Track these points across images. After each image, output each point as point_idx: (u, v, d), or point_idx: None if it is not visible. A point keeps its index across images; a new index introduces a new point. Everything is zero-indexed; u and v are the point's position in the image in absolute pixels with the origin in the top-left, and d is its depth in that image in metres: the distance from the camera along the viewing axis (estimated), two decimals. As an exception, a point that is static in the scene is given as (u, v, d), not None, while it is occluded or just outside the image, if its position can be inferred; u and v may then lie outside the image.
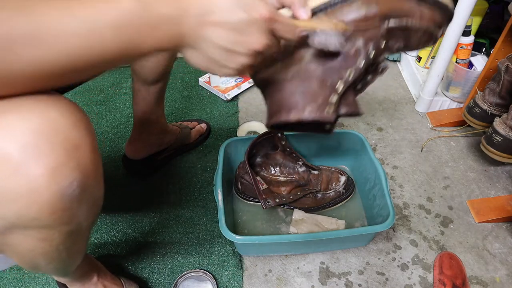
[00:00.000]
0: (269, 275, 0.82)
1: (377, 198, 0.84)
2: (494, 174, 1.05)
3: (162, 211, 0.93)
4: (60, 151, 0.35)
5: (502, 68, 0.95)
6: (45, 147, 0.35)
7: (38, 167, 0.34)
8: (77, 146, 0.37)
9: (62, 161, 0.36)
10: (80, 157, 0.37)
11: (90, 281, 0.69)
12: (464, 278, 0.81)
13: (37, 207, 0.36)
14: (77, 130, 0.37)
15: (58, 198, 0.37)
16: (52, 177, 0.35)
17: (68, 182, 0.37)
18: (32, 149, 0.34)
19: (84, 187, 0.39)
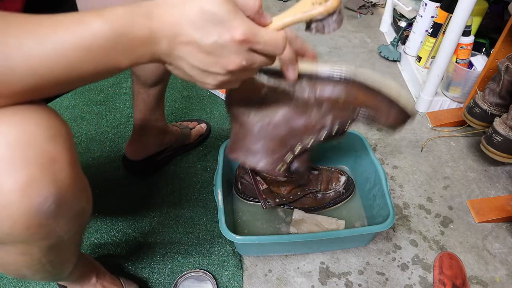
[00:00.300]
0: (269, 275, 0.82)
1: (377, 198, 0.84)
2: (494, 174, 1.05)
3: (162, 211, 0.93)
4: (34, 165, 0.34)
5: (502, 68, 0.95)
6: (18, 162, 0.34)
7: (10, 182, 0.33)
8: (53, 160, 0.36)
9: (36, 176, 0.34)
10: (56, 171, 0.36)
11: (88, 283, 0.69)
12: (464, 278, 0.81)
13: (9, 223, 0.35)
14: (54, 142, 0.36)
15: (32, 214, 0.35)
16: (24, 193, 0.34)
17: (43, 198, 0.35)
18: (4, 163, 0.33)
19: (61, 202, 0.37)
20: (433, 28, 1.26)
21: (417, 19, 1.34)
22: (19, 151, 0.34)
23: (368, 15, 1.77)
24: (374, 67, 1.44)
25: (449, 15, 1.19)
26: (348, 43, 1.58)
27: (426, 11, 1.29)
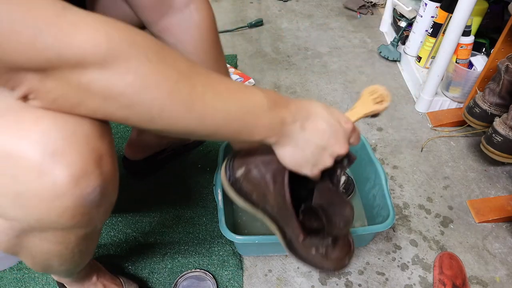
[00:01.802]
0: (269, 275, 0.82)
1: (377, 198, 0.84)
2: (494, 174, 1.05)
3: (162, 211, 0.93)
4: (88, 160, 0.37)
5: (502, 68, 0.95)
6: (73, 155, 0.36)
7: (64, 173, 0.36)
8: (102, 156, 0.39)
9: (88, 169, 0.37)
10: (103, 166, 0.39)
11: (89, 281, 0.69)
12: (464, 278, 0.81)
13: (59, 211, 0.38)
14: (102, 141, 0.39)
15: (80, 203, 0.38)
16: (77, 184, 0.36)
17: (91, 189, 0.38)
18: (60, 156, 0.35)
19: (104, 193, 0.40)
20: (433, 28, 1.26)
21: (417, 19, 1.34)
22: (74, 146, 0.36)
23: (368, 15, 1.77)
24: (374, 67, 1.44)
25: (449, 15, 1.19)
26: (348, 43, 1.58)
27: (426, 11, 1.29)
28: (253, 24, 1.64)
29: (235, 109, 0.41)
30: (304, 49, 1.53)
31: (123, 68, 0.33)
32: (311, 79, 1.37)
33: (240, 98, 0.42)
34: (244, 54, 1.48)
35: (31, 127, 0.35)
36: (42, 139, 0.35)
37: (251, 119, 0.42)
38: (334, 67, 1.43)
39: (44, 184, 0.35)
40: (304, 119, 0.46)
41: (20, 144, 0.35)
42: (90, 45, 0.31)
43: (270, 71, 1.40)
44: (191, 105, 0.38)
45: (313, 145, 0.47)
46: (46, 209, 0.37)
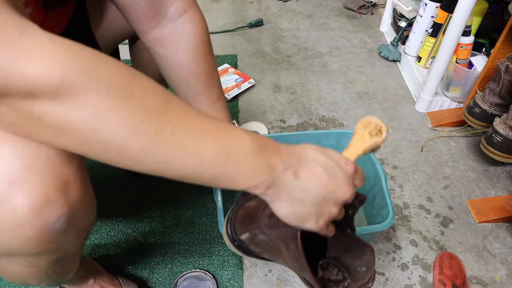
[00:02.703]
0: (269, 275, 0.82)
1: (377, 198, 0.84)
2: (494, 174, 1.05)
3: (162, 211, 0.93)
4: (51, 188, 0.35)
5: (502, 68, 0.95)
6: (36, 184, 0.34)
7: (24, 202, 0.34)
8: (68, 183, 0.37)
9: (51, 198, 0.35)
10: (70, 193, 0.37)
11: (86, 284, 0.69)
12: (464, 278, 0.81)
13: (20, 241, 0.36)
14: (69, 165, 0.37)
15: (43, 232, 0.36)
16: (39, 213, 0.35)
17: (55, 218, 0.36)
18: (20, 184, 0.34)
19: (72, 221, 0.38)
20: (433, 28, 1.26)
21: (417, 19, 1.34)
22: (36, 174, 0.34)
23: (368, 15, 1.77)
24: (374, 67, 1.44)
25: (449, 15, 1.19)
26: (348, 43, 1.58)
27: (426, 11, 1.29)
28: (253, 24, 1.64)
29: (211, 153, 0.36)
30: (304, 49, 1.53)
31: (79, 102, 0.30)
32: (311, 79, 1.37)
33: (219, 140, 0.37)
34: (244, 54, 1.49)
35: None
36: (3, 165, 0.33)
37: (231, 165, 0.37)
38: (334, 67, 1.43)
39: (3, 213, 0.34)
40: (297, 166, 0.41)
41: None
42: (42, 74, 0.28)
43: (270, 71, 1.40)
44: (156, 147, 0.34)
45: (311, 194, 0.41)
46: (8, 238, 0.36)
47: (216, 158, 0.36)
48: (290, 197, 0.41)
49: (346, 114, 1.23)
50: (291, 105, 1.25)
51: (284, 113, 1.22)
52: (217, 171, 0.37)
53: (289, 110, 1.23)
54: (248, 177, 0.38)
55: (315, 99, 1.28)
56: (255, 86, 1.32)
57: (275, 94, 1.30)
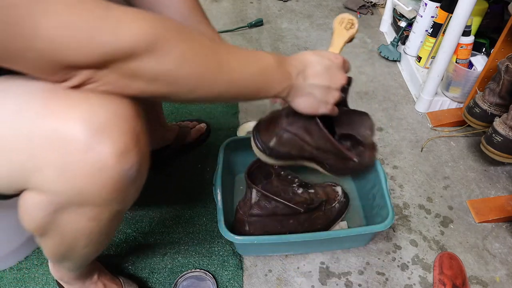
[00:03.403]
0: (269, 275, 0.82)
1: (377, 198, 0.84)
2: (494, 174, 1.05)
3: (162, 211, 0.93)
4: (128, 137, 0.41)
5: (502, 68, 0.95)
6: (117, 132, 0.40)
7: (109, 148, 0.39)
8: (139, 135, 0.42)
9: (128, 146, 0.41)
10: (140, 145, 0.43)
11: (90, 280, 0.70)
12: (464, 278, 0.81)
13: (99, 185, 0.41)
14: (140, 121, 0.43)
15: (120, 178, 0.41)
16: (118, 160, 0.40)
17: (130, 165, 0.42)
18: (106, 132, 0.39)
19: (140, 171, 0.44)
20: (433, 28, 1.26)
21: (417, 19, 1.34)
22: (117, 123, 0.40)
23: (368, 15, 1.77)
24: (374, 67, 1.44)
25: (449, 15, 1.19)
26: (348, 43, 1.57)
27: (426, 11, 1.29)
28: (253, 24, 1.64)
29: (254, 71, 0.48)
30: (304, 49, 1.53)
31: (165, 50, 0.39)
32: (311, 79, 1.37)
33: (256, 61, 0.49)
34: (244, 54, 1.48)
35: (78, 106, 0.38)
36: (89, 117, 0.38)
37: (266, 78, 0.50)
38: (334, 67, 1.43)
39: (89, 159, 0.39)
40: (304, 70, 0.54)
41: (68, 122, 0.38)
42: (139, 35, 0.36)
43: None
44: (223, 72, 0.45)
45: (319, 87, 0.55)
46: (89, 182, 0.40)
47: (257, 75, 0.49)
48: (304, 93, 0.54)
49: (346, 114, 1.23)
50: (291, 105, 1.25)
51: (284, 113, 1.22)
52: (258, 84, 0.50)
53: (289, 110, 1.23)
54: (276, 86, 0.51)
55: (315, 99, 1.28)
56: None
57: (275, 94, 1.30)
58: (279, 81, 0.51)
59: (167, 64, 0.39)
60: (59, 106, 0.39)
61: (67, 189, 0.41)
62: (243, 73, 0.47)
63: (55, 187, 0.41)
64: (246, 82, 0.48)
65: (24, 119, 0.39)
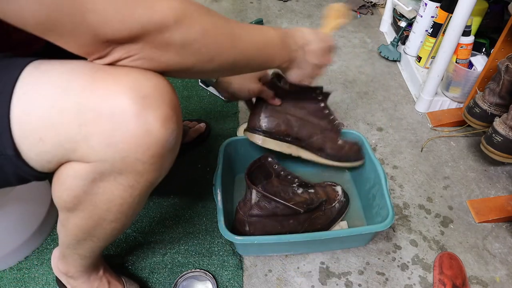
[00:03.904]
0: (269, 275, 0.82)
1: (377, 198, 0.84)
2: (494, 174, 1.05)
3: (162, 211, 0.93)
4: (169, 106, 0.44)
5: (502, 68, 0.95)
6: (160, 101, 0.43)
7: (155, 115, 0.42)
8: (177, 106, 0.46)
9: (169, 114, 0.44)
10: (178, 115, 0.46)
11: (96, 274, 0.70)
12: (464, 278, 0.81)
13: (144, 149, 0.43)
14: (175, 94, 0.47)
15: (162, 144, 0.44)
16: (162, 125, 0.43)
17: (171, 131, 0.45)
18: (150, 100, 0.42)
19: (177, 139, 0.47)
20: (433, 28, 1.26)
21: (417, 19, 1.34)
22: (160, 93, 0.44)
23: (368, 15, 1.77)
24: (374, 67, 1.44)
25: (449, 15, 1.19)
26: (348, 43, 1.58)
27: (426, 11, 1.29)
28: (253, 24, 1.64)
29: (263, 43, 0.56)
30: (304, 49, 1.53)
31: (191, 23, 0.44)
32: (311, 79, 1.37)
33: (263, 35, 0.57)
34: (244, 54, 1.48)
35: (123, 79, 0.42)
36: (135, 87, 0.42)
37: (272, 49, 0.58)
38: (334, 67, 1.43)
39: (137, 124, 0.41)
40: (304, 46, 0.63)
41: (116, 92, 0.41)
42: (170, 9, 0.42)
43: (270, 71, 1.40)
44: (236, 43, 0.51)
45: (311, 64, 0.66)
46: (134, 147, 0.43)
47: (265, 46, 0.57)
48: (299, 67, 0.66)
49: (346, 114, 1.23)
50: (291, 105, 1.25)
51: (284, 113, 1.22)
52: (266, 54, 0.58)
53: (289, 110, 1.23)
54: (280, 57, 0.61)
55: (315, 99, 1.28)
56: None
57: (275, 94, 1.30)
58: (282, 54, 0.60)
59: (192, 34, 0.45)
60: (105, 79, 0.42)
61: (112, 156, 0.43)
62: (254, 44, 0.55)
63: (101, 155, 0.43)
64: (256, 52, 0.56)
65: (72, 93, 0.41)
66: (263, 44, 0.57)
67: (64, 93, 0.42)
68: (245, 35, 0.53)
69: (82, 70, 0.43)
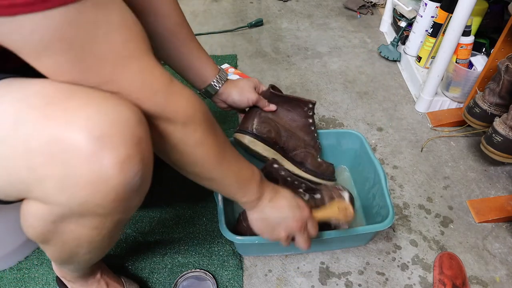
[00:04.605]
0: (269, 275, 0.82)
1: (377, 198, 0.84)
2: (494, 174, 1.05)
3: (162, 211, 0.93)
4: (130, 144, 0.39)
5: (502, 68, 0.95)
6: (118, 140, 0.38)
7: (110, 157, 0.38)
8: (141, 141, 0.41)
9: (130, 154, 0.39)
10: (143, 151, 0.41)
11: (94, 278, 0.70)
12: (464, 278, 0.81)
13: (102, 195, 0.39)
14: (141, 125, 0.41)
15: (122, 187, 0.40)
16: (121, 168, 0.39)
17: (134, 173, 0.40)
18: (106, 140, 0.38)
19: (144, 179, 0.43)
20: (433, 28, 1.26)
21: (417, 19, 1.34)
22: (118, 130, 0.39)
23: (368, 15, 1.77)
24: (374, 67, 1.44)
25: (449, 15, 1.19)
26: (348, 43, 1.58)
27: (426, 11, 1.29)
28: (253, 24, 1.64)
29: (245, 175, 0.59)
30: (304, 49, 1.53)
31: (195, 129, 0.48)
32: (311, 79, 1.37)
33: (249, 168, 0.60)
34: (244, 54, 1.49)
35: (77, 114, 0.37)
36: (89, 124, 0.37)
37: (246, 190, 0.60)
38: (334, 67, 1.43)
39: (91, 167, 0.37)
40: (273, 196, 0.63)
41: (68, 130, 0.37)
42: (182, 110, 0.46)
43: (270, 71, 1.40)
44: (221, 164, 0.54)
45: (272, 218, 0.63)
46: (91, 193, 0.39)
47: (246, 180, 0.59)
48: (261, 214, 0.63)
49: (346, 114, 1.23)
50: (291, 105, 1.25)
51: (284, 113, 1.22)
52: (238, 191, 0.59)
53: (289, 110, 1.23)
54: (249, 198, 0.61)
55: (315, 99, 1.28)
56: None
57: (275, 94, 1.30)
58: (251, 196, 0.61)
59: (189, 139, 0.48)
60: (56, 116, 0.37)
61: (69, 201, 0.40)
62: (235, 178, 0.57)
63: (56, 199, 0.40)
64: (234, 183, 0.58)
65: (22, 129, 0.38)
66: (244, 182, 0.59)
67: (14, 127, 0.38)
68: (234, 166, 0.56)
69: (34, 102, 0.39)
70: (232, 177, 0.57)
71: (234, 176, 0.57)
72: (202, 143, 0.49)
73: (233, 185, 0.58)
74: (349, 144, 0.96)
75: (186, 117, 0.46)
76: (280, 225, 0.63)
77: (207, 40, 1.55)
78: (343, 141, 0.97)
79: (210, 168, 0.53)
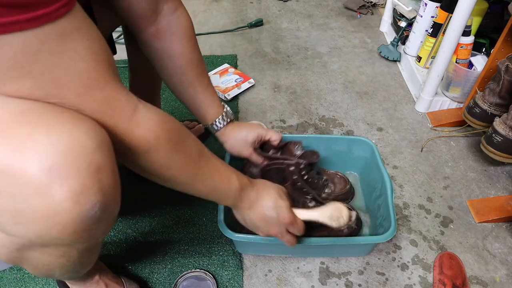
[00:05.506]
0: (269, 275, 0.82)
1: (381, 209, 0.82)
2: (494, 174, 1.05)
3: (162, 211, 0.93)
4: (85, 174, 0.36)
5: (502, 68, 0.95)
6: (71, 170, 0.35)
7: (63, 190, 0.35)
8: (100, 168, 0.38)
9: (86, 184, 0.36)
10: (103, 179, 0.38)
11: (92, 280, 0.69)
12: (464, 278, 0.81)
13: (58, 229, 0.37)
14: (101, 151, 0.38)
15: (80, 220, 0.37)
16: (76, 200, 0.36)
17: (91, 205, 0.37)
18: (58, 172, 0.34)
19: (105, 208, 0.39)
20: (433, 28, 1.26)
21: (417, 19, 1.34)
22: (71, 160, 0.35)
23: (368, 15, 1.77)
24: (374, 67, 1.44)
25: (449, 15, 1.19)
26: (348, 43, 1.58)
27: (426, 11, 1.29)
28: (253, 24, 1.64)
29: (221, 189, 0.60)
30: (304, 49, 1.53)
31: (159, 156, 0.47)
32: (311, 79, 1.37)
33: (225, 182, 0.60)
34: (244, 54, 1.49)
35: (25, 143, 0.34)
36: (38, 155, 0.34)
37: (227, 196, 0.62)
38: (334, 67, 1.43)
39: (43, 201, 0.35)
40: (253, 205, 0.65)
41: (15, 161, 0.34)
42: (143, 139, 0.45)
43: (270, 71, 1.40)
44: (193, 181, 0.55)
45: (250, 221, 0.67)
46: (46, 226, 0.36)
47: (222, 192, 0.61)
48: (242, 215, 0.67)
49: (346, 114, 1.23)
50: (291, 105, 1.25)
51: (284, 113, 1.22)
52: (219, 197, 0.62)
53: (289, 110, 1.23)
54: (231, 202, 0.64)
55: (315, 99, 1.28)
56: (255, 86, 1.32)
57: (275, 94, 1.30)
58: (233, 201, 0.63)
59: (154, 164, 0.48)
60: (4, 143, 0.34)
61: (27, 234, 0.38)
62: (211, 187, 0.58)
63: (14, 231, 0.38)
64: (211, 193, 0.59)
65: None
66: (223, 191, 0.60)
67: None
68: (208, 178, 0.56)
69: None
70: (204, 191, 0.58)
71: (207, 191, 0.58)
72: (168, 167, 0.49)
73: (208, 196, 0.59)
74: (360, 151, 0.95)
75: (148, 146, 0.45)
76: (259, 228, 0.67)
77: (207, 40, 1.55)
78: (355, 148, 0.95)
79: (181, 185, 0.54)
